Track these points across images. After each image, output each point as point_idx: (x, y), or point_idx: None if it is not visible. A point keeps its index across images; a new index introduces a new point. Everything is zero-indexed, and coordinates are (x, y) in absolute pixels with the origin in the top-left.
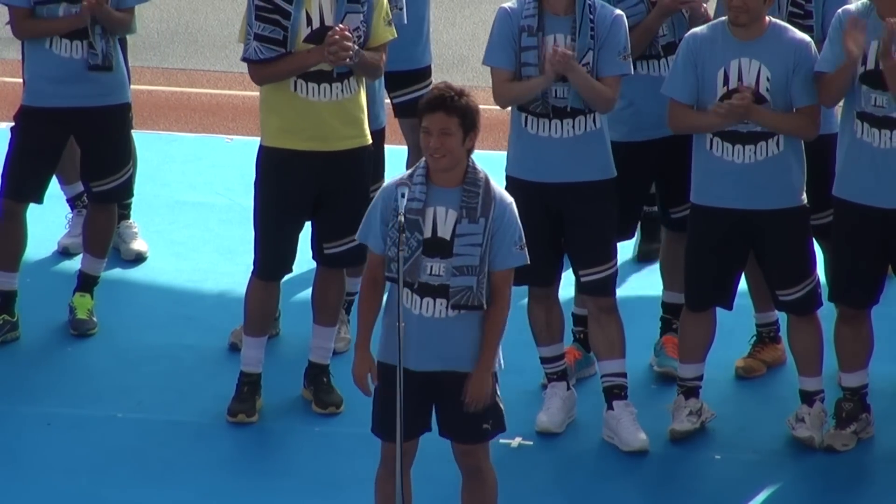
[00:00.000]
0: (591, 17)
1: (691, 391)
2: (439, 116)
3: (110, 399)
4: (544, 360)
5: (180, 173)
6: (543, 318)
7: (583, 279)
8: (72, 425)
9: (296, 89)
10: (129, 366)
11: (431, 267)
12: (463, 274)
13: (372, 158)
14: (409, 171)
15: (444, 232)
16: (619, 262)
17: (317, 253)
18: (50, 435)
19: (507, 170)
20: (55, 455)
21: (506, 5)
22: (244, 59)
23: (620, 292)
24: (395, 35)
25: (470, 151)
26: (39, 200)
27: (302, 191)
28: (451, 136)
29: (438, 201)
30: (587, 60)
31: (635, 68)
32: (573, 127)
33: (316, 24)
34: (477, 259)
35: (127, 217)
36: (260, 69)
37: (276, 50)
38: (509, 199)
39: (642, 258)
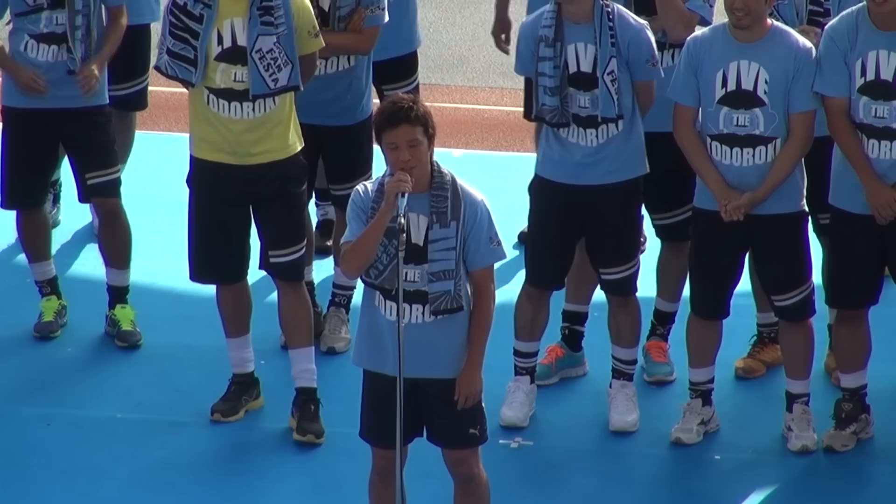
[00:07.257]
0: (611, 24)
1: (705, 396)
2: (404, 129)
3: (110, 399)
4: (517, 353)
5: (180, 173)
6: (530, 315)
7: (604, 277)
8: (72, 425)
9: (209, 103)
10: (129, 366)
11: (408, 273)
12: (440, 279)
13: (302, 165)
14: (377, 179)
15: (418, 238)
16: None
17: (264, 264)
18: (50, 435)
19: (536, 168)
20: (55, 455)
21: (526, 18)
22: (155, 68)
23: None
24: (323, 44)
25: (431, 155)
26: (40, 204)
27: (219, 199)
28: (420, 146)
29: (409, 208)
30: (611, 68)
31: None
32: (597, 137)
33: (227, 43)
34: (452, 263)
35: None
36: None
37: (186, 68)
38: (479, 196)
39: None
